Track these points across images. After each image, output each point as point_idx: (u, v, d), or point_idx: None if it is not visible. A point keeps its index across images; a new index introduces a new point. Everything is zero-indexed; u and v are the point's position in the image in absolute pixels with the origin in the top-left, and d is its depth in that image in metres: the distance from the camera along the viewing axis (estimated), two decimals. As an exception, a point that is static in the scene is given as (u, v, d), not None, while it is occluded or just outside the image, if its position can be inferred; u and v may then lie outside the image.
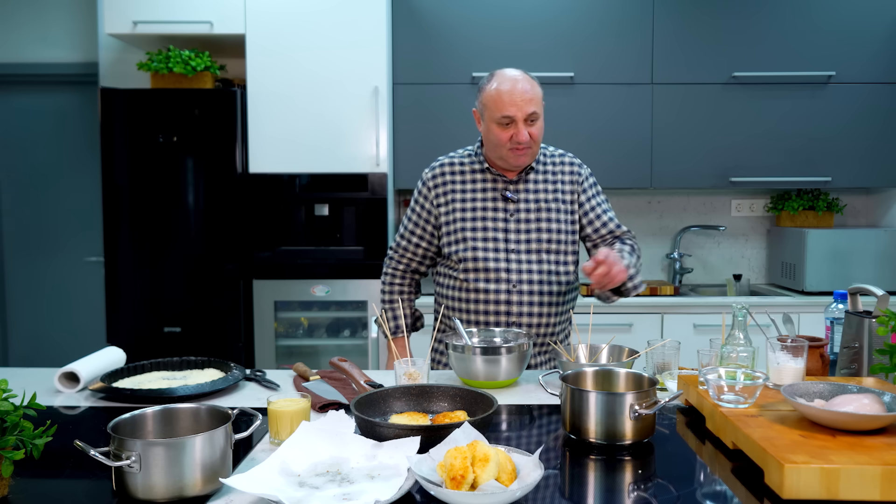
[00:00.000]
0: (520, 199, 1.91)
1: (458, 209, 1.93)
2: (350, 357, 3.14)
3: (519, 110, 1.80)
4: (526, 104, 1.80)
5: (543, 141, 1.95)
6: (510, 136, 1.82)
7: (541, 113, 1.85)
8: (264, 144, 3.13)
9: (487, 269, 1.88)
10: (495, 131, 1.84)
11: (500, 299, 1.87)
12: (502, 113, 1.81)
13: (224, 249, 3.13)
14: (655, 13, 3.31)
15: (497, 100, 1.82)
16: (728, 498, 1.05)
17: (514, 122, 1.81)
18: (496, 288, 1.87)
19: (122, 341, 3.01)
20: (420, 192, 2.00)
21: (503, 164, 1.90)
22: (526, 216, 1.90)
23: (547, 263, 1.89)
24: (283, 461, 1.08)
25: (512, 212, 1.91)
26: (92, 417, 1.45)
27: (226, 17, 3.12)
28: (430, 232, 1.99)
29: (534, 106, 1.81)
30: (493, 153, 1.90)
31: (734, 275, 3.68)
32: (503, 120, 1.82)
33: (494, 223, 1.90)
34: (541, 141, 1.90)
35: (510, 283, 1.87)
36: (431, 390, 1.40)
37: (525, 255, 1.89)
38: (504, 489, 0.96)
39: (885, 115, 3.33)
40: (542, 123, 1.87)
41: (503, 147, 1.85)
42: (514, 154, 1.85)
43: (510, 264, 1.88)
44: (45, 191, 3.86)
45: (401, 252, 2.05)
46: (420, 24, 3.30)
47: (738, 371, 1.32)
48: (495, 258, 1.88)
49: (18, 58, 3.73)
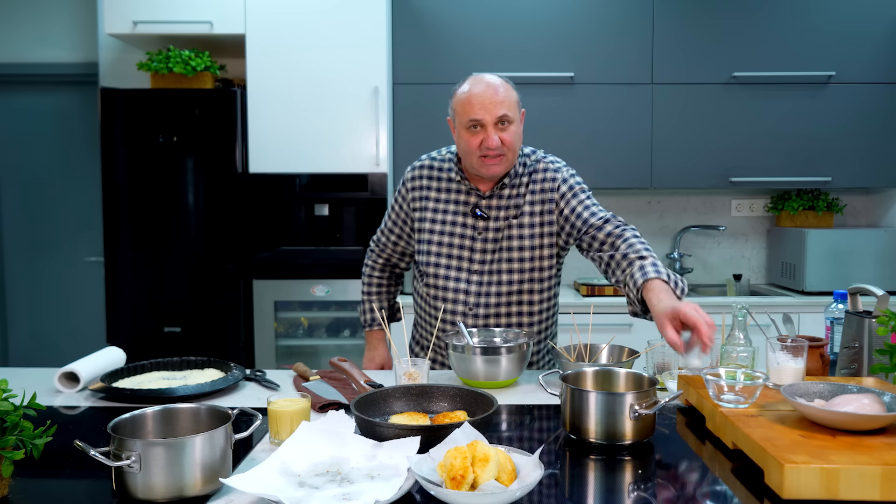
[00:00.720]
0: (490, 218, 1.81)
1: (428, 218, 1.87)
2: (350, 357, 3.14)
3: (487, 113, 1.69)
4: (495, 106, 1.69)
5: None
6: (480, 142, 1.71)
7: (515, 118, 1.74)
8: (264, 144, 3.13)
9: (447, 288, 1.84)
10: (465, 137, 1.74)
11: (456, 320, 1.84)
12: (470, 116, 1.71)
13: (224, 249, 3.13)
14: (655, 13, 3.31)
15: (465, 103, 1.72)
16: (728, 498, 1.05)
17: (483, 127, 1.71)
18: (452, 308, 1.84)
19: (122, 341, 3.01)
20: (400, 191, 1.95)
21: (475, 173, 1.80)
22: (495, 235, 1.81)
23: (507, 286, 1.81)
24: (283, 461, 1.08)
25: (480, 230, 1.82)
26: (92, 417, 1.45)
27: (226, 17, 3.12)
28: (408, 232, 1.96)
29: (504, 108, 1.70)
30: (466, 162, 1.80)
31: (734, 275, 3.68)
32: (471, 124, 1.71)
33: (462, 240, 1.83)
34: (517, 149, 1.77)
35: (467, 305, 1.83)
36: (431, 390, 1.40)
37: (486, 276, 1.82)
38: (504, 489, 0.96)
39: (885, 115, 3.33)
40: (517, 130, 1.75)
41: (473, 155, 1.74)
42: (485, 163, 1.73)
43: (470, 286, 1.82)
44: (45, 191, 3.86)
45: (381, 247, 2.04)
46: (420, 24, 3.30)
47: (738, 371, 1.32)
48: (456, 277, 1.83)
49: (18, 58, 3.73)
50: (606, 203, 3.73)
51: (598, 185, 3.39)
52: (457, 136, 1.79)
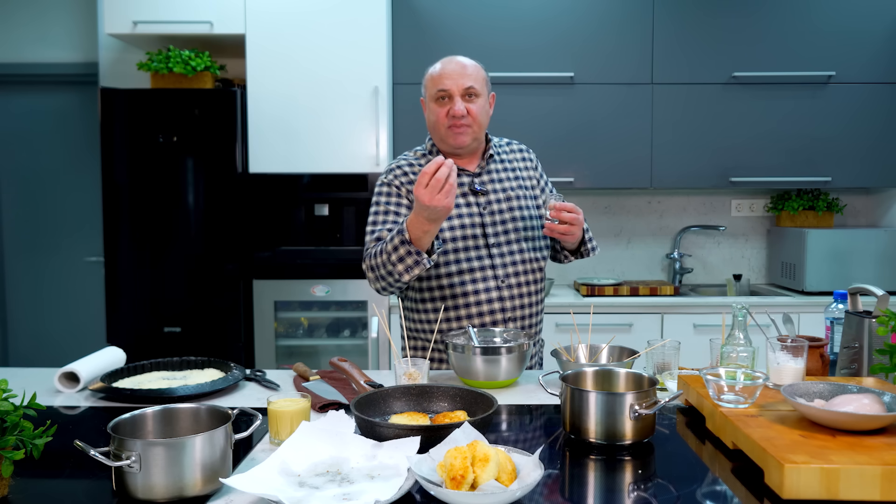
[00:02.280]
0: (488, 191, 1.87)
1: None
2: (350, 357, 3.14)
3: (454, 83, 1.78)
4: (461, 78, 1.79)
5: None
6: (447, 112, 1.80)
7: (482, 93, 1.82)
8: (264, 144, 3.13)
9: (472, 269, 1.82)
10: (434, 109, 1.82)
11: (493, 297, 1.82)
12: (438, 87, 1.80)
13: (224, 249, 3.13)
14: (655, 13, 3.31)
15: (435, 76, 1.82)
16: (728, 498, 1.05)
17: (450, 97, 1.79)
18: (485, 286, 1.82)
19: (122, 341, 3.01)
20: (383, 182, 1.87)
21: (444, 146, 1.86)
22: (499, 206, 1.87)
23: (528, 252, 1.87)
24: (283, 461, 1.08)
25: (484, 204, 1.86)
26: (92, 417, 1.45)
27: (226, 17, 3.12)
28: (406, 206, 1.84)
29: (471, 81, 1.79)
30: (435, 136, 1.87)
31: (734, 275, 3.68)
32: (440, 94, 1.80)
33: (471, 219, 1.84)
34: (484, 124, 1.85)
35: (497, 279, 1.83)
36: (431, 390, 1.40)
37: (506, 247, 1.85)
38: (504, 489, 0.96)
39: (885, 115, 3.34)
40: (484, 105, 1.83)
41: (441, 126, 1.81)
42: (452, 132, 1.81)
43: (494, 259, 1.84)
44: (45, 190, 3.86)
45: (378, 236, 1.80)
46: (420, 24, 3.30)
47: (738, 371, 1.32)
48: (478, 255, 1.83)
49: (18, 58, 3.73)
50: (606, 203, 3.73)
51: (598, 185, 3.39)
52: (427, 112, 1.87)
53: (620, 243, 3.76)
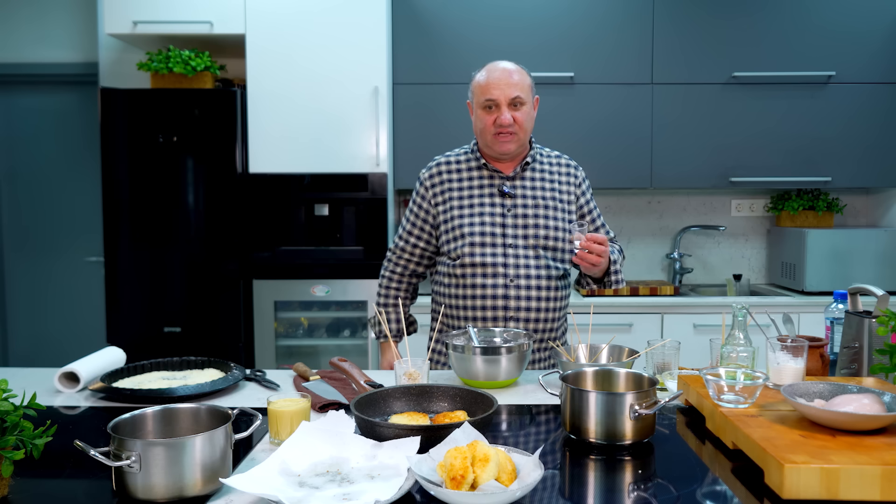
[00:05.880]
0: (517, 195, 1.92)
1: (455, 206, 1.93)
2: (350, 357, 3.14)
3: (502, 93, 1.84)
4: (509, 87, 1.84)
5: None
6: (494, 120, 1.86)
7: (528, 101, 1.88)
8: (264, 144, 3.13)
9: (485, 265, 1.88)
10: (481, 116, 1.89)
11: (498, 294, 1.87)
12: (486, 96, 1.86)
13: (224, 249, 3.13)
14: (655, 13, 3.31)
15: (482, 85, 1.88)
16: (728, 498, 1.05)
17: (497, 106, 1.85)
18: (493, 283, 1.88)
19: (122, 341, 3.01)
20: (418, 192, 2.01)
21: (490, 152, 1.93)
22: (524, 211, 1.91)
23: (544, 259, 1.91)
24: (283, 461, 1.08)
25: (509, 207, 1.92)
26: (92, 417, 1.45)
27: (226, 17, 3.12)
28: (429, 231, 2.00)
29: (518, 90, 1.85)
30: (481, 141, 1.94)
31: (734, 275, 3.68)
32: (487, 103, 1.86)
33: (492, 218, 1.91)
34: (529, 130, 1.91)
35: (507, 277, 1.88)
36: (431, 390, 1.40)
37: (523, 251, 1.90)
38: (504, 489, 0.96)
39: (885, 115, 3.33)
40: (529, 111, 1.89)
41: (488, 132, 1.88)
42: (498, 140, 1.87)
43: (507, 259, 1.89)
44: (45, 191, 3.86)
45: (398, 253, 2.06)
46: (420, 24, 3.30)
47: (738, 371, 1.32)
48: (493, 253, 1.89)
49: (18, 58, 3.73)
50: (606, 203, 3.73)
51: (598, 185, 3.38)
52: (475, 118, 1.94)
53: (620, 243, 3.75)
